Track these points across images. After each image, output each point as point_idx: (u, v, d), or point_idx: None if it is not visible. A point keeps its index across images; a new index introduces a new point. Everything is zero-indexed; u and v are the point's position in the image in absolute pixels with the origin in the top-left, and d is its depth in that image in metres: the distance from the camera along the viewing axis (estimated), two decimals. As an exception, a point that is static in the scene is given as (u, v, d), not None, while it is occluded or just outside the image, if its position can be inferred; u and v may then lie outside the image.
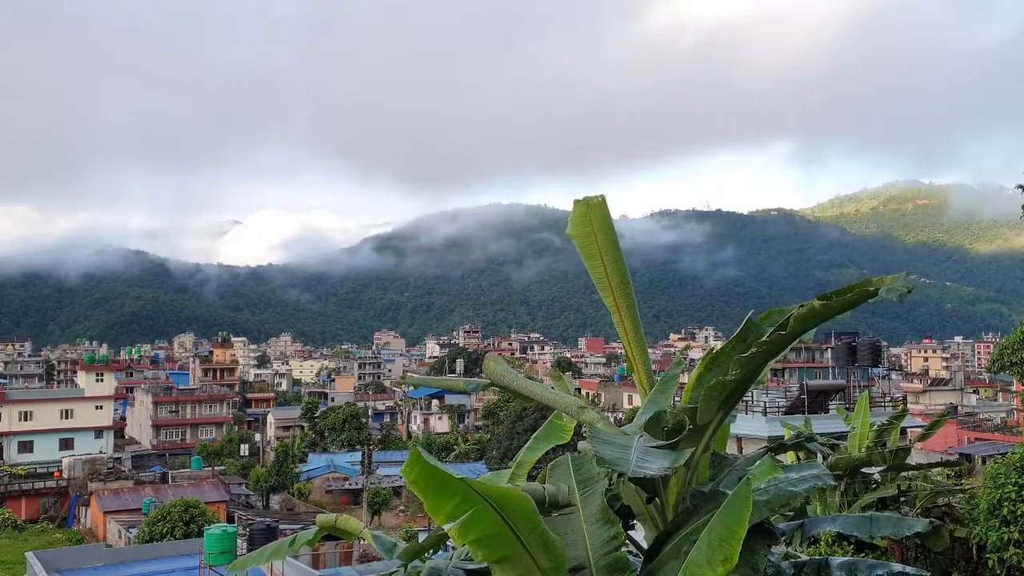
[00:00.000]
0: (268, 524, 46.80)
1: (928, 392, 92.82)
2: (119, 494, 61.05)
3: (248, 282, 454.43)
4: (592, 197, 7.31)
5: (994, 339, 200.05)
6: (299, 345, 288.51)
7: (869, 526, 8.20)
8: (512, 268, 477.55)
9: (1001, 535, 14.95)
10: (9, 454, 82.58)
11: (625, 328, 7.38)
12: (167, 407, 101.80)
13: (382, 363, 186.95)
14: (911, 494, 18.69)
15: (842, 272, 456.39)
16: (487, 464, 77.26)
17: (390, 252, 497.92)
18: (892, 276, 6.04)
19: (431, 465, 5.46)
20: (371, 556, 37.69)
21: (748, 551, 5.73)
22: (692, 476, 6.93)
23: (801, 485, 6.61)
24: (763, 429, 33.56)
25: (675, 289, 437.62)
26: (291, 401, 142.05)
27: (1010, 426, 65.54)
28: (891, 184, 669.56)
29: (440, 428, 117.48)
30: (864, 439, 19.88)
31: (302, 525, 51.11)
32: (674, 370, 7.57)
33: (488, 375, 7.58)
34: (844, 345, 43.33)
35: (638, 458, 5.65)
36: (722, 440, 7.75)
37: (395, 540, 8.87)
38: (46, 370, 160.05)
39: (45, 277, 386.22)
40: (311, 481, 77.72)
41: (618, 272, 7.33)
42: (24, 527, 62.27)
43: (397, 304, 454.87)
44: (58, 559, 33.60)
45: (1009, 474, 15.38)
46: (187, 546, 35.66)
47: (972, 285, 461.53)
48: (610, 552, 6.28)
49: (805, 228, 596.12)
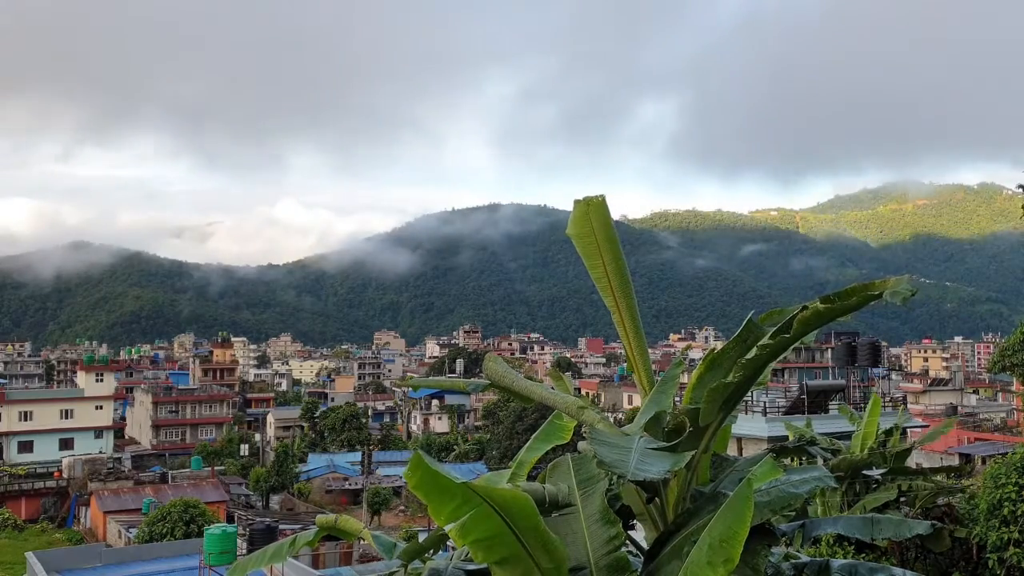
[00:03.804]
0: (268, 524, 46.88)
1: (928, 392, 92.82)
2: (119, 494, 61.01)
3: (248, 282, 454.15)
4: (592, 197, 7.30)
5: (994, 339, 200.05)
6: (299, 345, 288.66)
7: (871, 528, 8.19)
8: (513, 268, 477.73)
9: (1001, 535, 14.95)
10: (9, 454, 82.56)
11: (625, 328, 7.37)
12: (167, 407, 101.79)
13: (382, 363, 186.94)
14: (911, 494, 18.68)
15: (842, 272, 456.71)
16: (487, 464, 77.30)
17: (390, 252, 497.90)
18: (895, 279, 6.03)
19: (432, 469, 5.46)
20: (371, 556, 37.69)
21: (749, 552, 5.72)
22: (693, 477, 6.93)
23: (803, 487, 6.60)
24: (763, 429, 33.55)
25: (675, 289, 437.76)
26: (291, 401, 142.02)
27: (1010, 426, 65.53)
28: (891, 184, 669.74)
29: (440, 428, 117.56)
30: (869, 439, 19.88)
31: (302, 525, 51.11)
32: (674, 370, 7.56)
33: (488, 375, 7.57)
34: (844, 345, 43.39)
35: (638, 460, 5.64)
36: (723, 441, 7.75)
37: (395, 540, 8.85)
38: (46, 370, 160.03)
39: (45, 277, 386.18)
40: (311, 481, 77.71)
41: (618, 272, 7.32)
42: (24, 527, 62.23)
43: (397, 304, 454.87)
44: (58, 559, 33.55)
45: (1009, 474, 15.37)
46: (187, 546, 35.60)
47: (972, 285, 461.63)
48: (610, 552, 6.27)
49: (805, 228, 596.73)
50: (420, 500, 5.65)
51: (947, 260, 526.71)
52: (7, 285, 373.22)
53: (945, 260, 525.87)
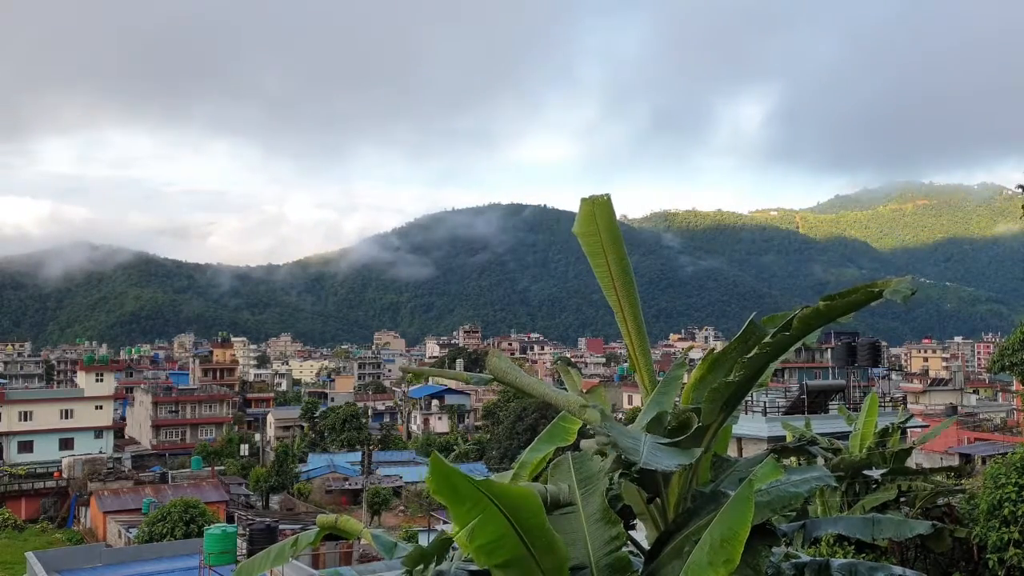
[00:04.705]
0: (268, 524, 46.83)
1: (928, 392, 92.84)
2: (119, 494, 60.99)
3: (248, 282, 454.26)
4: (598, 196, 7.33)
5: (994, 339, 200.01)
6: (299, 345, 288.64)
7: (871, 528, 8.19)
8: (513, 268, 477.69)
9: (1001, 535, 14.94)
10: (9, 454, 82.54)
11: (628, 327, 7.38)
12: (167, 407, 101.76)
13: (382, 363, 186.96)
14: (911, 494, 18.67)
15: (842, 272, 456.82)
16: (487, 464, 77.29)
17: (391, 252, 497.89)
18: (897, 279, 6.03)
19: (447, 470, 5.37)
20: (371, 556, 37.65)
21: (750, 551, 5.73)
22: (693, 477, 6.94)
23: (803, 487, 6.61)
24: (763, 429, 33.57)
25: (675, 289, 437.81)
26: (291, 401, 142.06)
27: (1010, 426, 65.45)
28: (891, 184, 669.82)
29: (440, 428, 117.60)
30: (867, 439, 19.87)
31: (302, 525, 51.10)
32: (677, 371, 7.57)
33: (491, 371, 7.55)
34: (844, 345, 43.39)
35: (648, 451, 5.67)
36: (724, 441, 7.76)
37: (395, 540, 8.85)
38: (46, 370, 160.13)
39: (45, 277, 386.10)
40: (311, 481, 77.69)
41: (622, 271, 7.34)
42: (24, 527, 62.25)
43: (397, 304, 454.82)
44: (58, 559, 33.58)
45: (1009, 474, 15.36)
46: (187, 546, 35.63)
47: (972, 285, 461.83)
48: (611, 552, 6.27)
49: (805, 228, 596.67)
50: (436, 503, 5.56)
51: (947, 260, 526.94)
52: (7, 285, 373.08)
53: (945, 260, 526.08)
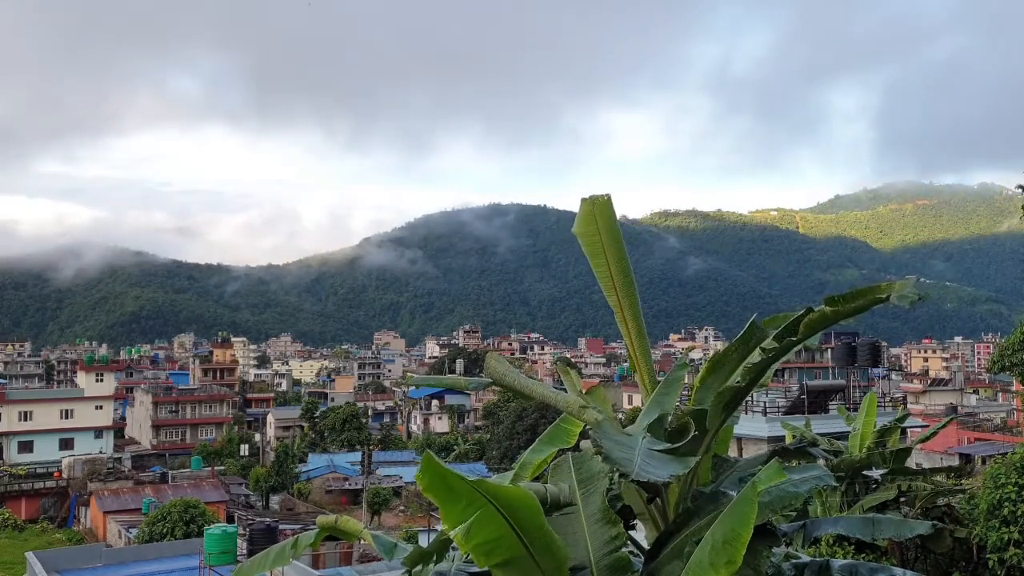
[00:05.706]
0: (268, 524, 46.75)
1: (928, 392, 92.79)
2: (119, 494, 60.99)
3: (248, 282, 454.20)
4: (598, 196, 7.32)
5: (994, 339, 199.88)
6: (299, 345, 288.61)
7: (871, 528, 8.20)
8: (513, 268, 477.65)
9: (1001, 535, 14.95)
10: (9, 454, 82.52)
11: (628, 327, 7.38)
12: (167, 407, 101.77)
13: (382, 363, 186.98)
14: (911, 494, 18.67)
15: (842, 272, 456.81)
16: (487, 464, 77.31)
17: (390, 252, 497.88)
18: (902, 281, 6.02)
19: (441, 469, 5.40)
20: (371, 556, 37.64)
21: (751, 552, 5.73)
22: (694, 477, 6.94)
23: (803, 487, 6.62)
24: (763, 429, 33.58)
25: (675, 289, 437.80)
26: (291, 401, 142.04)
27: (1010, 426, 65.45)
28: (891, 184, 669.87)
29: (440, 428, 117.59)
30: (866, 439, 19.87)
31: (302, 525, 51.11)
32: (678, 371, 7.57)
33: (490, 373, 7.56)
34: (844, 345, 43.41)
35: (642, 461, 5.65)
36: (724, 442, 7.76)
37: (395, 541, 8.84)
38: (46, 370, 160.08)
39: (45, 277, 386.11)
40: (311, 481, 77.70)
41: (621, 271, 7.33)
42: (24, 527, 62.23)
43: (397, 304, 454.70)
44: (58, 559, 33.57)
45: (1009, 474, 15.37)
46: (187, 546, 35.63)
47: (972, 285, 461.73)
48: (611, 552, 6.27)
49: (805, 228, 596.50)
50: (432, 503, 5.58)
51: (947, 260, 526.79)
52: (7, 285, 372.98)
53: (945, 260, 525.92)
